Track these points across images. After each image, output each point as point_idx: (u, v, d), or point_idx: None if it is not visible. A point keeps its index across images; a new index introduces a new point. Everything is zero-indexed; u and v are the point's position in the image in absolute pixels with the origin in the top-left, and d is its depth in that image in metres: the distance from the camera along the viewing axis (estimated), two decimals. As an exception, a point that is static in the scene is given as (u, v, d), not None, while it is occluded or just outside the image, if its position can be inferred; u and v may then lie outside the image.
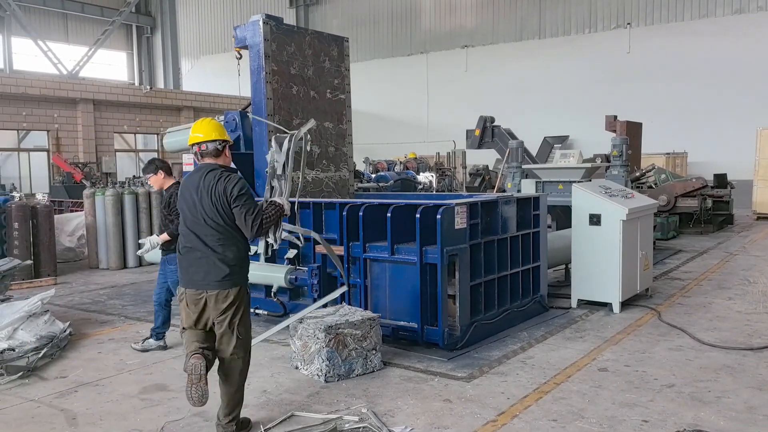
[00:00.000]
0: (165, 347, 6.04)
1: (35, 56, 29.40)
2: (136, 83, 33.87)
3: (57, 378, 5.34)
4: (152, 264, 10.87)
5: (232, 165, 4.35)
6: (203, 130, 4.12)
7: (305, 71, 7.69)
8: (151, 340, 6.06)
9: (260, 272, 6.97)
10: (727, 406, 4.45)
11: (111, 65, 34.40)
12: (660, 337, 6.18)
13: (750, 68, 20.87)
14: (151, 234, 11.29)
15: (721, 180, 15.72)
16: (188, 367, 3.83)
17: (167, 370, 5.49)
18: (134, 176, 18.33)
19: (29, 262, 9.73)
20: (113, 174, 21.61)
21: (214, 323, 4.03)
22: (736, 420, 4.21)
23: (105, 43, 31.02)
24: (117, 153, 23.70)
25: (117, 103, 23.12)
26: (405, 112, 28.37)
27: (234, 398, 4.10)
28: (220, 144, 4.12)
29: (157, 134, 23.63)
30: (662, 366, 5.32)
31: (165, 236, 5.85)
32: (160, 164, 6.13)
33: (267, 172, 4.55)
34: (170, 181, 6.08)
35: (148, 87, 25.40)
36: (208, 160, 4.12)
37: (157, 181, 6.09)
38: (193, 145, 4.14)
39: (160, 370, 5.49)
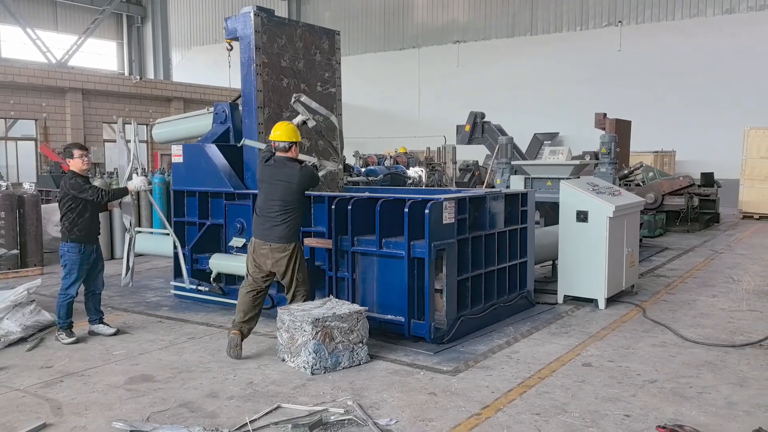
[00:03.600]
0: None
1: (24, 44, 29.11)
2: (126, 73, 33.61)
3: (43, 368, 5.33)
4: (139, 255, 10.83)
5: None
6: (278, 129, 5.71)
7: (296, 64, 7.68)
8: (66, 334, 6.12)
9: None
10: (708, 401, 4.52)
11: (100, 55, 34.11)
12: (644, 333, 6.25)
13: (739, 68, 21.03)
14: (140, 225, 11.29)
15: (708, 179, 15.86)
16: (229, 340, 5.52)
17: (153, 360, 5.50)
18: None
19: (15, 251, 9.71)
20: (102, 164, 21.46)
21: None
22: (716, 415, 4.27)
23: (95, 33, 30.76)
24: (106, 143, 23.53)
25: (106, 93, 22.95)
26: (396, 107, 28.36)
27: None
28: (288, 144, 5.66)
29: (147, 125, 23.49)
30: (645, 362, 5.38)
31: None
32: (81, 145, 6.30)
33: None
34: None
35: (138, 77, 25.21)
36: (279, 154, 5.68)
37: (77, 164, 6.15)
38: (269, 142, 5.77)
39: (146, 361, 5.49)
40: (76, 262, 6.07)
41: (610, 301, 7.33)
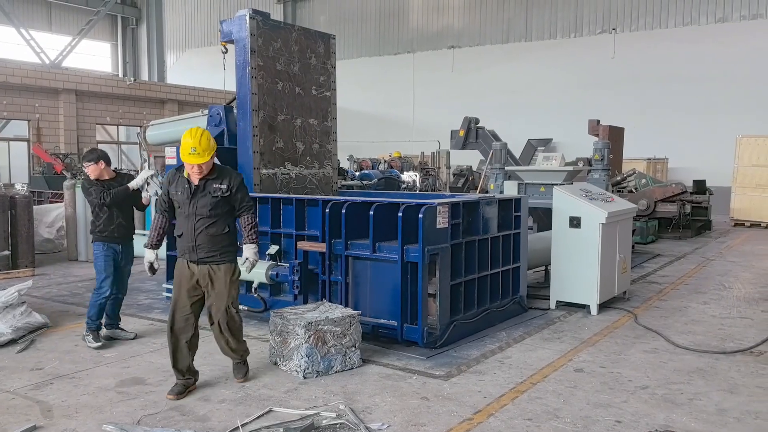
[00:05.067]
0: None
1: (17, 45, 28.99)
2: (120, 75, 33.53)
3: (33, 370, 5.29)
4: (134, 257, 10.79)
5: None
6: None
7: (291, 67, 7.69)
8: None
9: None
10: (699, 408, 4.54)
11: (95, 56, 34.01)
12: (636, 339, 6.27)
13: (731, 76, 21.16)
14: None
15: (700, 186, 15.94)
16: None
17: (145, 363, 5.47)
18: (115, 168, 18.10)
19: (7, 252, 9.65)
20: (95, 165, 21.34)
21: None
22: (707, 422, 4.29)
23: (89, 34, 30.65)
24: (99, 145, 23.46)
25: (100, 95, 22.87)
26: (390, 111, 28.39)
27: None
28: None
29: (140, 127, 23.44)
30: (637, 368, 5.40)
31: None
32: (101, 154, 6.20)
33: None
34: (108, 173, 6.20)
35: (132, 79, 25.15)
36: None
37: (96, 171, 6.10)
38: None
39: (138, 364, 5.46)
40: (100, 259, 6.05)
41: (603, 307, 7.36)
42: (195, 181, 4.74)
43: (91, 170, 6.10)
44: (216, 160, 4.91)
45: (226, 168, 4.99)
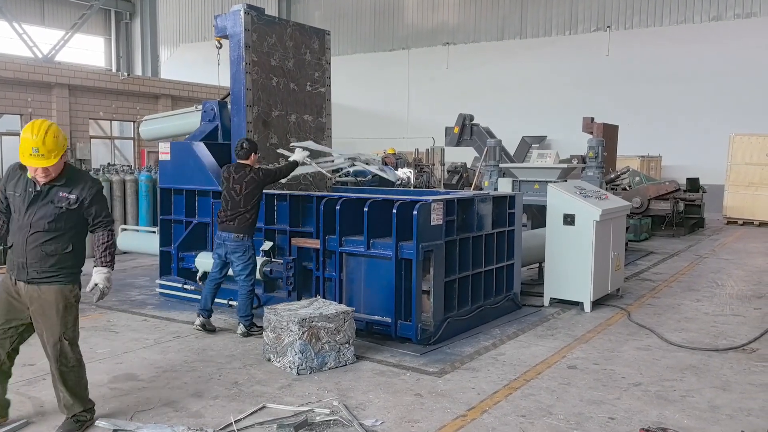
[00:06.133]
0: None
1: (10, 38, 28.76)
2: (114, 69, 33.33)
3: (25, 365, 5.26)
4: (126, 253, 10.75)
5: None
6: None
7: (286, 63, 7.66)
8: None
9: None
10: (691, 404, 4.56)
11: (88, 50, 33.78)
12: (629, 336, 6.29)
13: (725, 74, 21.21)
14: (125, 222, 11.19)
15: (693, 184, 15.99)
16: None
17: (138, 359, 5.45)
18: (109, 163, 18.04)
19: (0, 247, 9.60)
20: (87, 161, 21.26)
21: None
22: (700, 419, 4.31)
23: (82, 28, 30.43)
24: (92, 140, 23.32)
25: (93, 89, 22.72)
26: (385, 108, 28.35)
27: None
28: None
29: (134, 122, 23.33)
30: (630, 365, 5.42)
31: None
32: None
33: None
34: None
35: (126, 74, 25.00)
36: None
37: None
38: None
39: (131, 360, 5.44)
40: (254, 255, 6.18)
41: (596, 304, 7.37)
42: (40, 182, 3.80)
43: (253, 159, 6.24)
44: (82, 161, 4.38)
45: (80, 172, 4.04)
